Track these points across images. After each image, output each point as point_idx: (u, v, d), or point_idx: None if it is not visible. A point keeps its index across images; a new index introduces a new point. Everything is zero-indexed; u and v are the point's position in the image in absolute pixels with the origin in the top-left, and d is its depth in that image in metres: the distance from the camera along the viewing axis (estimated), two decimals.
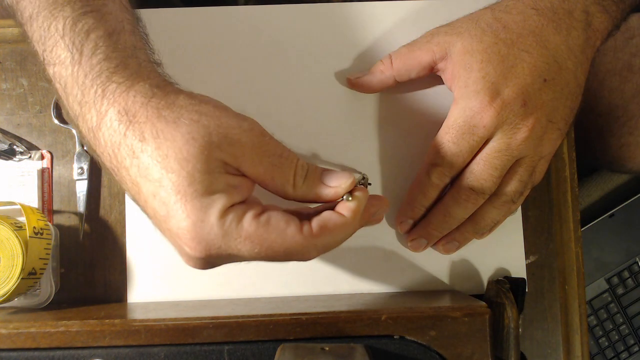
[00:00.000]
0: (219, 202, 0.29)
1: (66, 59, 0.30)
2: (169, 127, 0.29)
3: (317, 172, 0.33)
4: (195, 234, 0.28)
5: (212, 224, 0.28)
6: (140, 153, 0.29)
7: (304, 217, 0.31)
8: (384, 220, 0.41)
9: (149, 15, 0.41)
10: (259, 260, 0.30)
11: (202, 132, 0.29)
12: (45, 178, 0.42)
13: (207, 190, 0.29)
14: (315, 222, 0.31)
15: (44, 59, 0.31)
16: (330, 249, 0.32)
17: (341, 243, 0.32)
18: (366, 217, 0.34)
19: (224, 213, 0.29)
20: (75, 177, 0.42)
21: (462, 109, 0.36)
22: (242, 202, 0.30)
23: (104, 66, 0.30)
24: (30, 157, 0.42)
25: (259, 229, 0.29)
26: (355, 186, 0.33)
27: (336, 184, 0.32)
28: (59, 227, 0.42)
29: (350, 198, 0.32)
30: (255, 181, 0.31)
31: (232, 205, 0.29)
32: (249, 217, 0.29)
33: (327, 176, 0.33)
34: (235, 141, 0.30)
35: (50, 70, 0.31)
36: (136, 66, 0.31)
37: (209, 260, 0.30)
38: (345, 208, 0.32)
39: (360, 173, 0.34)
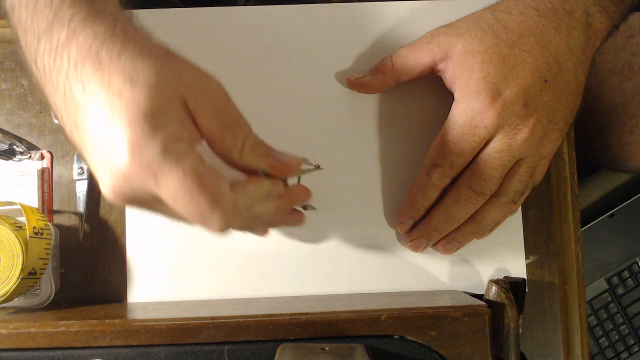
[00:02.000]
0: (170, 127, 0.27)
1: None
2: (152, 46, 0.28)
3: (267, 146, 0.33)
4: (137, 147, 0.26)
5: (157, 143, 0.26)
6: (117, 59, 0.27)
7: None
8: (384, 220, 0.41)
9: (149, 15, 0.41)
10: (181, 209, 0.27)
11: (177, 65, 0.29)
12: (45, 178, 0.42)
13: (164, 111, 0.27)
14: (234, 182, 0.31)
15: None
16: (247, 216, 0.32)
17: (258, 210, 0.32)
18: (288, 199, 0.35)
19: (172, 139, 0.27)
20: (75, 177, 0.42)
21: (463, 109, 0.36)
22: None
23: None
24: (30, 157, 0.42)
25: (199, 169, 0.27)
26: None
27: (286, 160, 0.33)
28: (59, 227, 0.42)
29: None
30: (205, 136, 0.30)
31: (181, 138, 0.28)
32: (193, 155, 0.27)
33: (276, 152, 0.33)
34: (202, 90, 0.29)
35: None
36: (118, 6, 0.31)
37: (133, 187, 0.27)
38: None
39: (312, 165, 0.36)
